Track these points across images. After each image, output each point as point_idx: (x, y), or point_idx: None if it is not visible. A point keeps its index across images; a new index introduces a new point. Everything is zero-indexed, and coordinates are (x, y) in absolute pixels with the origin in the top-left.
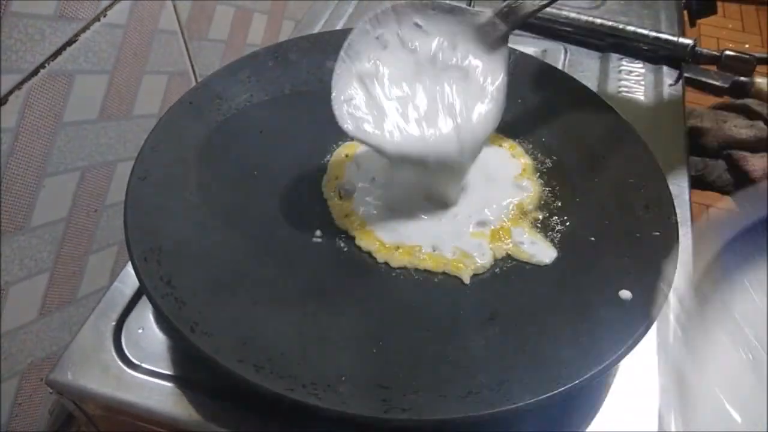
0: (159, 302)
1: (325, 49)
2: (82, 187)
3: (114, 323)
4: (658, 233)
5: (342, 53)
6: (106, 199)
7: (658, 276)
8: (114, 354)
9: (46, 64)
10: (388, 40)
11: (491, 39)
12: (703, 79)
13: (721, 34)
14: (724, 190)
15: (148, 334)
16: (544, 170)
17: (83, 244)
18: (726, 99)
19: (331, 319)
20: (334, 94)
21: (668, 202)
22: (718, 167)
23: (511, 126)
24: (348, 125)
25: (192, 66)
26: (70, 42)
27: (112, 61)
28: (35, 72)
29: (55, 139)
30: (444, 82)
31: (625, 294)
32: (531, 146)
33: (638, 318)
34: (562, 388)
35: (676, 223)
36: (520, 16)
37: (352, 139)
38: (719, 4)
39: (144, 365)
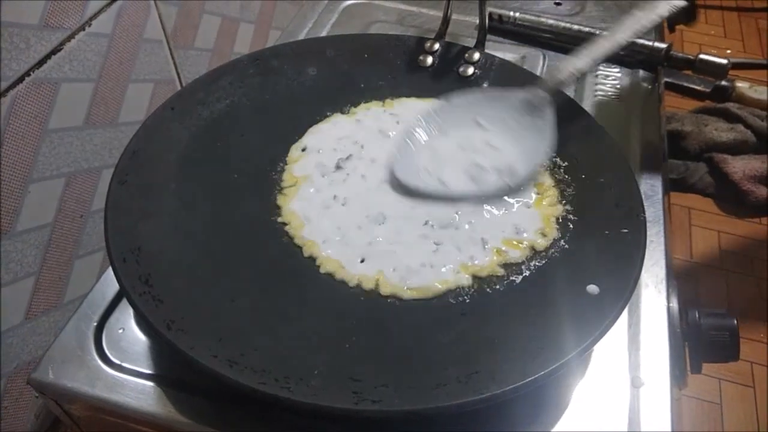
0: (136, 301)
1: (307, 56)
2: (68, 193)
3: (95, 324)
4: (626, 230)
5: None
6: (91, 205)
7: (626, 272)
8: (95, 354)
9: (31, 72)
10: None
11: (535, 107)
12: (685, 84)
13: (703, 41)
14: (705, 192)
15: (128, 334)
16: None
17: (69, 249)
18: (707, 103)
19: (305, 317)
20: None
21: (637, 199)
22: (700, 169)
23: None
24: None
25: (178, 74)
26: (55, 51)
27: (97, 70)
28: (20, 80)
29: (40, 146)
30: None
31: (593, 289)
32: None
33: (605, 310)
34: (529, 379)
35: (644, 220)
36: (558, 82)
37: None
38: (702, 11)
39: (124, 365)
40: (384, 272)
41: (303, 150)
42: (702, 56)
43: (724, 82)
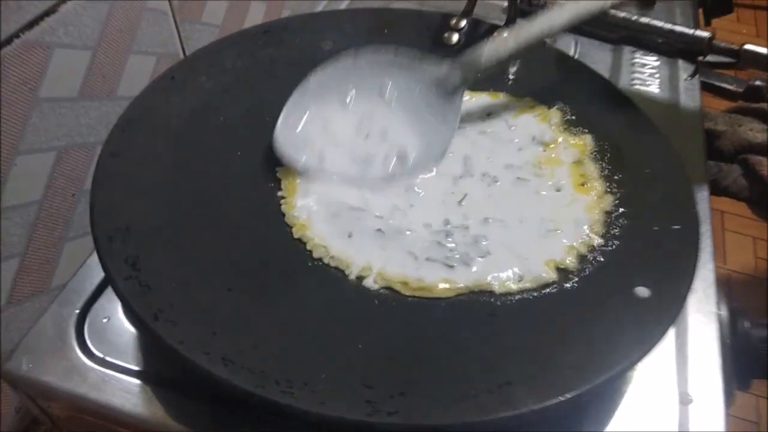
0: (120, 285)
1: (322, 29)
2: (59, 168)
3: (78, 311)
4: (678, 226)
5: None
6: (84, 184)
7: (680, 272)
8: (75, 345)
9: (21, 34)
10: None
11: (448, 89)
12: (717, 83)
13: (735, 39)
14: (739, 196)
15: (114, 324)
16: None
17: (58, 229)
18: (740, 103)
19: (313, 310)
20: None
21: (688, 192)
22: (733, 172)
23: None
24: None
25: (183, 49)
26: (49, 12)
27: (95, 37)
28: (9, 41)
29: (29, 115)
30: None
31: (642, 291)
32: None
33: (657, 317)
34: (572, 395)
35: (697, 214)
36: (475, 69)
37: None
38: (734, 9)
39: (108, 358)
40: (406, 271)
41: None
42: (747, 46)
43: (758, 82)
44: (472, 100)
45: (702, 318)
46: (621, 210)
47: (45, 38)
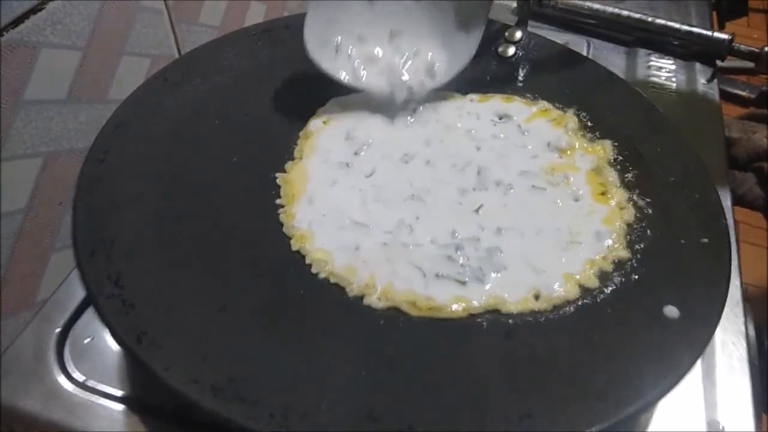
0: (101, 304)
1: None
2: (45, 175)
3: (59, 329)
4: (706, 240)
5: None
6: (73, 192)
7: (710, 290)
8: (54, 367)
9: (5, 32)
10: None
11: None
12: (729, 89)
13: (747, 43)
14: (754, 205)
15: (97, 344)
16: None
17: (44, 240)
18: (752, 110)
19: (312, 333)
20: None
21: (716, 203)
22: (748, 180)
23: None
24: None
25: (179, 50)
26: (35, 10)
27: (85, 37)
28: None
29: (13, 119)
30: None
31: (671, 311)
32: None
33: (688, 341)
34: (597, 428)
35: (727, 227)
36: None
37: None
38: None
39: (90, 383)
40: (411, 285)
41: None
42: None
43: None
44: (484, 103)
45: (730, 338)
46: (644, 222)
47: (31, 37)
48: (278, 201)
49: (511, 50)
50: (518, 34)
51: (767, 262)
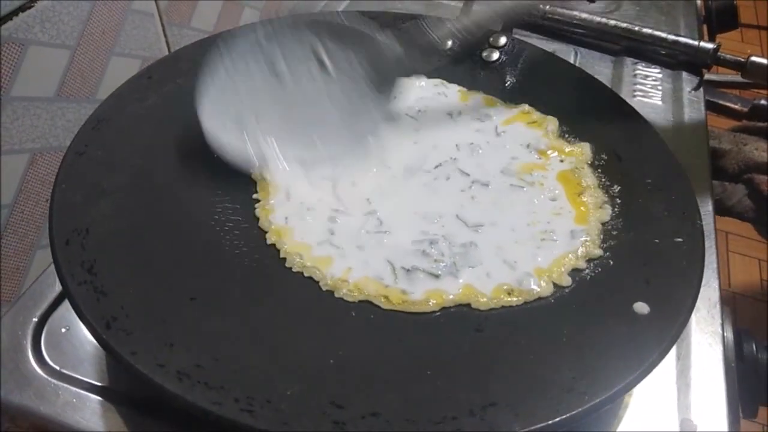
0: (73, 291)
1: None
2: (32, 172)
3: (36, 320)
4: (680, 239)
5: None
6: None
7: (682, 288)
8: (30, 356)
9: None
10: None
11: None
12: (721, 102)
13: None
14: (744, 216)
15: (74, 334)
16: None
17: (30, 236)
18: (743, 122)
19: (283, 322)
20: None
21: (692, 205)
22: (738, 192)
23: None
24: None
25: (169, 52)
26: (24, 7)
27: (75, 36)
28: None
29: None
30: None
31: (641, 307)
32: None
33: (657, 336)
34: (560, 419)
35: (701, 227)
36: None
37: None
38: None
39: (65, 371)
40: (384, 279)
41: None
42: (754, 58)
43: (763, 101)
44: (465, 102)
45: (706, 339)
46: (620, 221)
47: (18, 34)
48: (255, 195)
49: (495, 55)
50: (502, 40)
51: (757, 271)
